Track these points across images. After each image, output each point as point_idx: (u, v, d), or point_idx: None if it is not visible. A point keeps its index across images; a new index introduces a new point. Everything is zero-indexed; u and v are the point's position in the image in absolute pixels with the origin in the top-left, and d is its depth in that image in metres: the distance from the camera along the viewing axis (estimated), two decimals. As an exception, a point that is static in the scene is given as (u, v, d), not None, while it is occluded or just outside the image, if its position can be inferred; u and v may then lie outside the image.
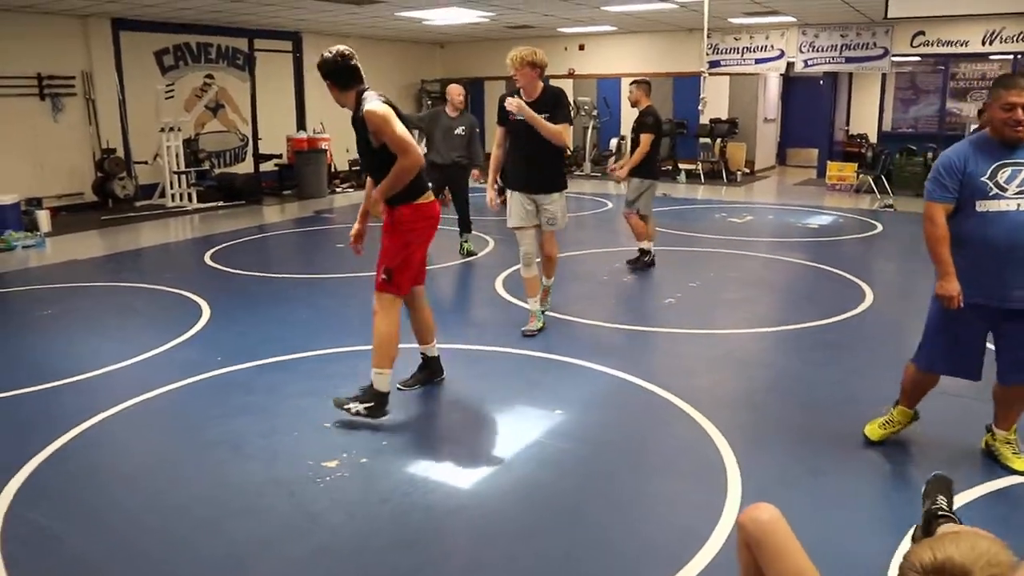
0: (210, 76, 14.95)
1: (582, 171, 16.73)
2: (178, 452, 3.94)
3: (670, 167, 16.39)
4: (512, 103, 5.28)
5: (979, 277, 3.47)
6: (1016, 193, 3.35)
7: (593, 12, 13.58)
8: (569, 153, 10.09)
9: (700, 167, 16.04)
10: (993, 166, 3.39)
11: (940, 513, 2.77)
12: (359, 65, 4.17)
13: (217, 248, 9.26)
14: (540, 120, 5.24)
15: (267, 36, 15.46)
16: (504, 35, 17.28)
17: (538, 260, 5.70)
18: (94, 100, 13.13)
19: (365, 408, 4.05)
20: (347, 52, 4.15)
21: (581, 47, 18.19)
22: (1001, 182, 3.38)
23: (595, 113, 16.89)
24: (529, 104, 5.30)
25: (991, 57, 15.61)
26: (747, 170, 16.56)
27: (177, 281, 7.50)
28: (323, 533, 3.15)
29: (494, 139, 5.75)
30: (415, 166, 3.87)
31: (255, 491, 3.45)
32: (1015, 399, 3.67)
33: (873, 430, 3.92)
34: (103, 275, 8.16)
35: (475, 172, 8.59)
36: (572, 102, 14.90)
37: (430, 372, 4.68)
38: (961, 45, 15.27)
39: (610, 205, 12.53)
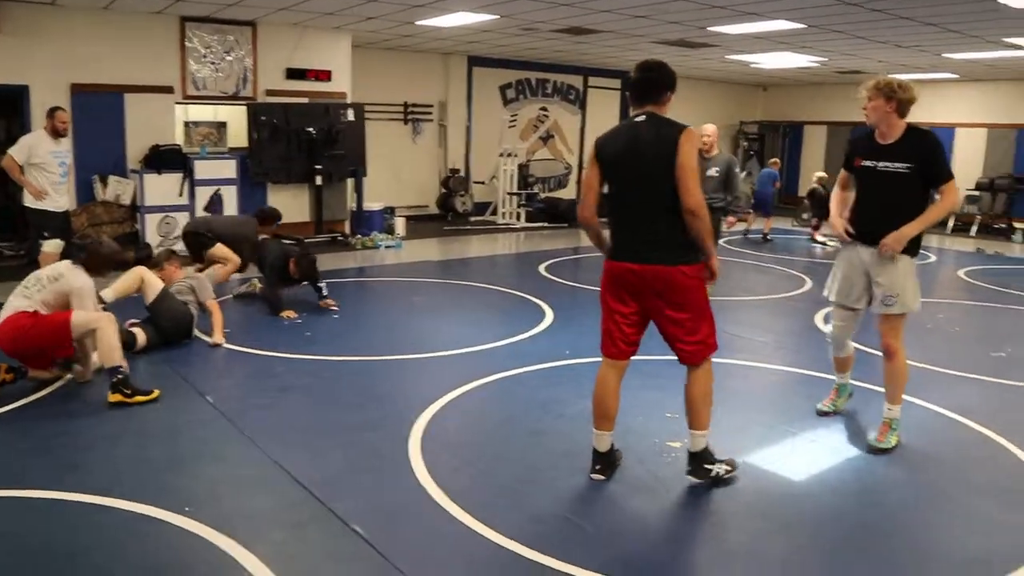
0: (544, 109, 16.41)
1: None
2: (541, 418, 4.73)
3: (1004, 225, 15.32)
4: (838, 229, 4.50)
5: None
6: None
7: (933, 59, 13.18)
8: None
9: (1040, 226, 14.81)
10: None
11: None
12: None
13: (548, 262, 10.30)
14: (920, 224, 4.20)
15: (599, 74, 16.64)
16: (830, 79, 17.15)
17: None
18: (446, 126, 14.95)
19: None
20: None
21: (914, 95, 17.52)
22: None
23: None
24: (882, 147, 4.28)
25: None
26: (1099, 236, 15.00)
27: (520, 286, 8.58)
28: (664, 492, 3.74)
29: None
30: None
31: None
32: None
33: None
34: (454, 275, 9.46)
35: (730, 219, 8.04)
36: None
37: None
38: None
39: (933, 258, 12.06)
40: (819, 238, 13.03)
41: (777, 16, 9.62)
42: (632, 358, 3.93)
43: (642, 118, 3.68)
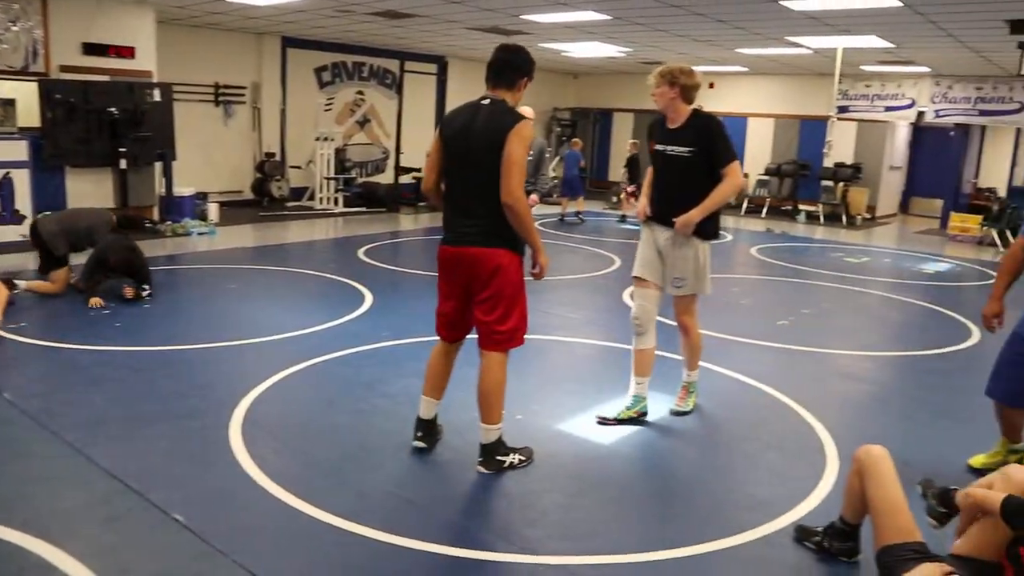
0: (361, 93, 16.27)
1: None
2: (364, 397, 4.80)
3: (791, 207, 16.74)
4: (640, 209, 4.62)
5: None
6: None
7: (727, 53, 14.17)
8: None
9: (821, 209, 16.32)
10: None
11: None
12: None
13: (368, 247, 10.29)
14: (706, 208, 4.28)
15: (416, 59, 16.66)
16: (637, 69, 18.02)
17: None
18: (259, 108, 14.52)
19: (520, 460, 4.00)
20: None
21: (711, 85, 18.75)
22: None
23: (719, 149, 17.39)
24: (671, 132, 4.39)
25: None
26: (868, 215, 16.72)
27: (339, 270, 8.55)
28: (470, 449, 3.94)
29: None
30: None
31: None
32: None
33: (977, 459, 4.21)
34: (272, 261, 9.26)
35: (533, 197, 7.71)
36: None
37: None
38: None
39: (729, 237, 13.04)
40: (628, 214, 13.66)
41: (586, 7, 10.05)
42: (468, 337, 4.02)
43: (486, 101, 3.74)
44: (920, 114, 16.64)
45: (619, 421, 4.56)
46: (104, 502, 3.46)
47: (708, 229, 4.43)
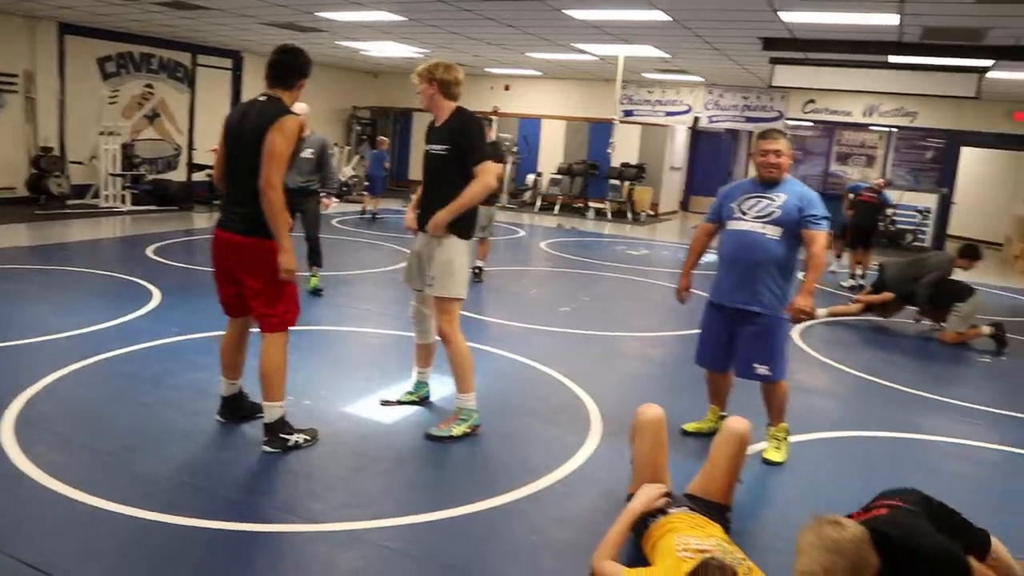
0: (150, 86, 15.57)
1: (500, 203, 17.82)
2: (150, 391, 4.76)
3: (581, 205, 17.68)
4: (407, 222, 4.58)
5: (721, 283, 4.43)
6: (754, 217, 4.28)
7: (519, 57, 14.79)
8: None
9: (608, 206, 17.35)
10: (744, 196, 4.36)
11: None
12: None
13: (158, 245, 9.97)
14: (452, 210, 4.23)
15: (209, 53, 16.16)
16: (435, 70, 18.39)
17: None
18: (34, 99, 13.60)
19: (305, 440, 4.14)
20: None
21: (506, 87, 19.44)
22: (744, 208, 4.32)
23: (515, 150, 18.08)
24: (434, 130, 4.39)
25: (870, 128, 17.46)
26: (652, 212, 17.97)
27: (126, 269, 8.26)
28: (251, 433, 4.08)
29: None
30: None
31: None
32: (765, 396, 4.43)
33: (689, 425, 4.75)
34: (52, 261, 8.79)
35: (326, 201, 7.72)
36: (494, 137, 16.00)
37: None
38: (845, 115, 17.09)
39: (522, 233, 13.67)
40: None
41: (380, 7, 10.23)
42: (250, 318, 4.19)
43: (263, 98, 3.95)
44: (696, 119, 18.07)
45: (400, 403, 4.78)
46: None
47: (459, 229, 4.32)
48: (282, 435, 4.06)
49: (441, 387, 5.00)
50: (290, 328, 4.09)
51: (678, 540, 2.98)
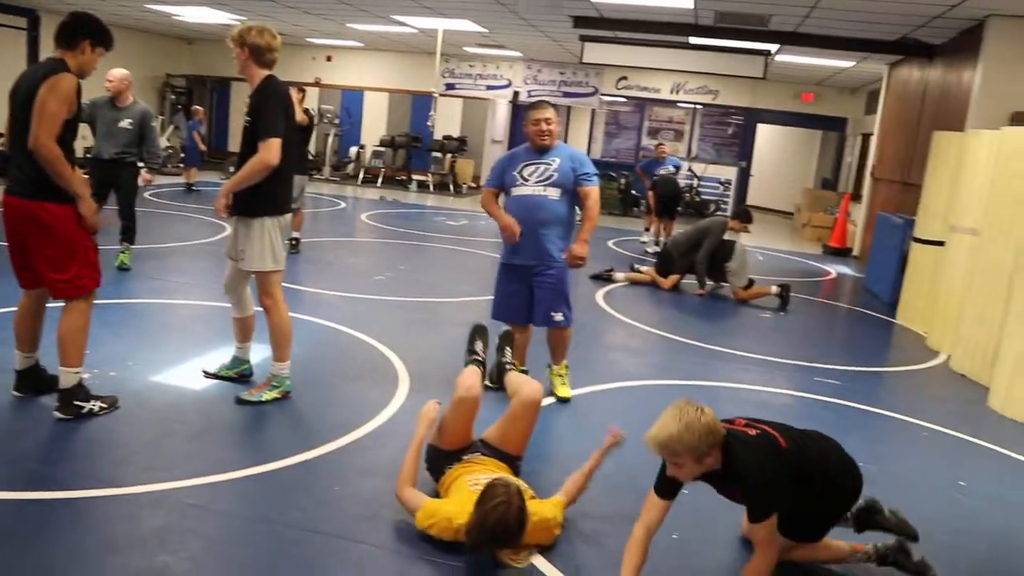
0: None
1: (322, 175, 17.66)
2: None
3: (404, 177, 17.79)
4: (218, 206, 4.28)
5: (513, 244, 4.81)
6: (535, 182, 4.75)
7: (340, 27, 14.66)
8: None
9: (431, 178, 17.55)
10: (522, 164, 4.80)
11: (506, 364, 4.31)
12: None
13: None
14: (231, 186, 4.21)
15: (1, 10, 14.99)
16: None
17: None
18: None
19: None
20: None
21: (328, 58, 19.17)
22: (525, 175, 4.77)
23: (337, 122, 17.91)
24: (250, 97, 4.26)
25: (678, 104, 18.54)
26: (474, 184, 18.33)
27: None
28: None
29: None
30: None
31: None
32: (554, 341, 4.98)
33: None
34: None
35: (146, 175, 7.55)
36: (315, 109, 15.82)
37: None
38: (655, 92, 18.04)
39: (343, 205, 13.66)
40: None
41: (186, -29, 9.91)
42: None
43: (48, 60, 3.90)
44: (516, 94, 18.53)
45: (218, 376, 4.70)
46: None
47: (261, 205, 4.26)
48: (76, 402, 4.01)
49: (260, 356, 5.06)
50: (96, 300, 4.07)
51: (470, 478, 3.27)
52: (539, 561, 3.10)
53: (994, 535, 3.77)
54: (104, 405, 4.11)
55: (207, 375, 4.75)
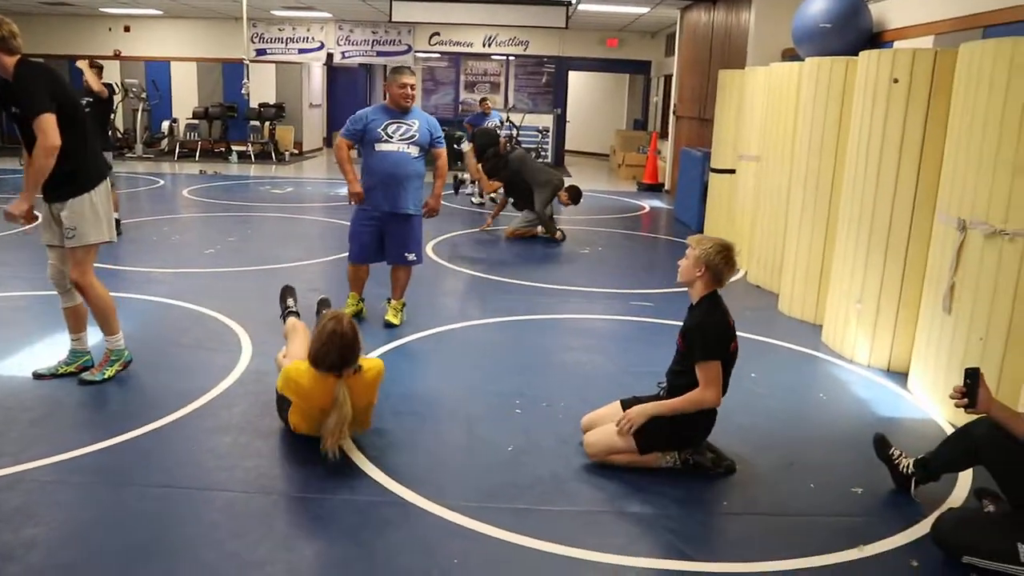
0: None
1: (135, 153, 16.92)
2: None
3: (223, 148, 17.33)
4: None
5: (375, 194, 5.48)
6: (399, 140, 5.43)
7: (134, -4, 14.02)
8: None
9: (251, 148, 17.20)
10: (387, 122, 5.44)
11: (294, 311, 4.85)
12: None
13: None
14: (28, 186, 4.08)
15: None
16: (41, 11, 16.76)
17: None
18: None
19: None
20: None
21: (127, 29, 18.21)
22: (390, 132, 5.42)
23: (144, 96, 17.15)
24: (11, 92, 4.07)
25: (492, 57, 18.93)
26: (296, 151, 18.12)
27: None
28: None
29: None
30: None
31: None
32: (402, 278, 5.76)
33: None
34: None
35: None
36: (118, 83, 15.12)
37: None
38: (468, 46, 18.35)
39: (162, 183, 13.26)
40: None
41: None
42: None
43: None
44: (329, 56, 18.35)
45: (56, 375, 4.51)
46: None
47: (74, 188, 4.22)
48: None
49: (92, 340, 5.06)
50: None
51: None
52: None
53: (776, 412, 4.45)
54: None
55: (42, 376, 4.50)
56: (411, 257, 5.67)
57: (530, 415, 4.27)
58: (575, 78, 19.73)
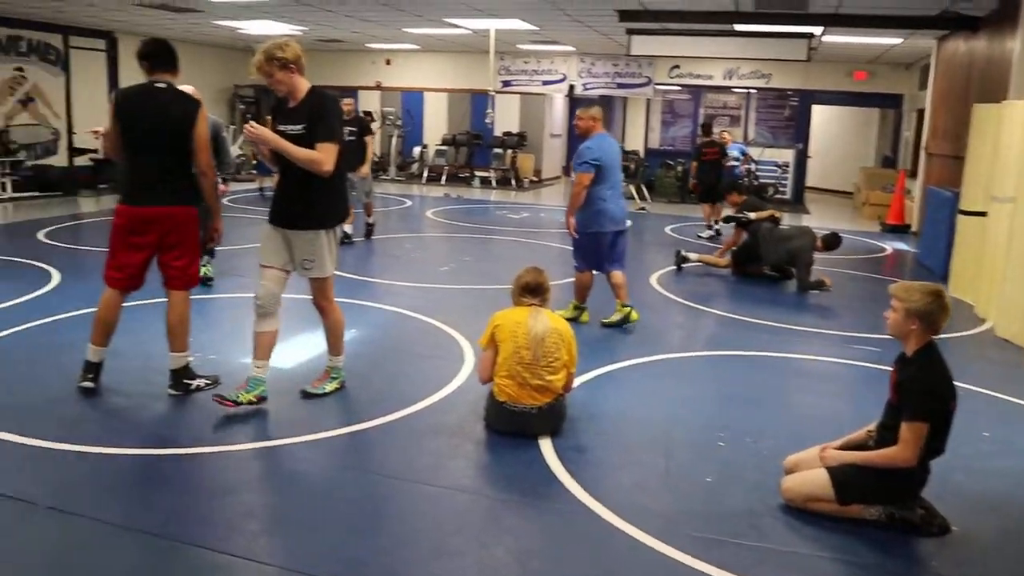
0: (20, 69, 15.32)
1: (388, 175, 18.34)
2: (68, 354, 5.22)
3: (467, 174, 18.37)
4: (248, 129, 4.20)
5: (611, 214, 6.22)
6: None
7: (397, 32, 15.27)
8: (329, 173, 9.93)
9: (493, 174, 18.10)
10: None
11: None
12: None
13: (48, 229, 10.16)
14: (283, 144, 4.18)
15: (82, 34, 16.00)
16: (316, 47, 18.63)
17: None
18: None
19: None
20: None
21: (388, 62, 19.84)
22: None
23: (399, 123, 18.58)
24: (289, 111, 4.30)
25: (733, 90, 18.70)
26: (535, 178, 18.82)
27: (20, 253, 8.52)
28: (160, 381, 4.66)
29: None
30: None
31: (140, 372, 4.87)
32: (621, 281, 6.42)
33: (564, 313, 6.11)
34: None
35: (222, 186, 7.54)
36: (377, 112, 16.49)
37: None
38: (708, 78, 18.24)
39: (410, 203, 14.31)
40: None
41: (254, -12, 10.60)
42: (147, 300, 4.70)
43: (162, 85, 4.52)
44: (571, 87, 18.93)
45: (239, 403, 4.38)
46: None
47: (326, 219, 4.44)
48: (185, 380, 4.66)
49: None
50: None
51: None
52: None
53: (1008, 475, 4.11)
54: (208, 382, 4.73)
55: (221, 401, 4.35)
56: (619, 266, 6.48)
57: (733, 449, 4.26)
58: (819, 112, 19.01)
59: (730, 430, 4.47)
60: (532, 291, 4.40)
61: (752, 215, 9.05)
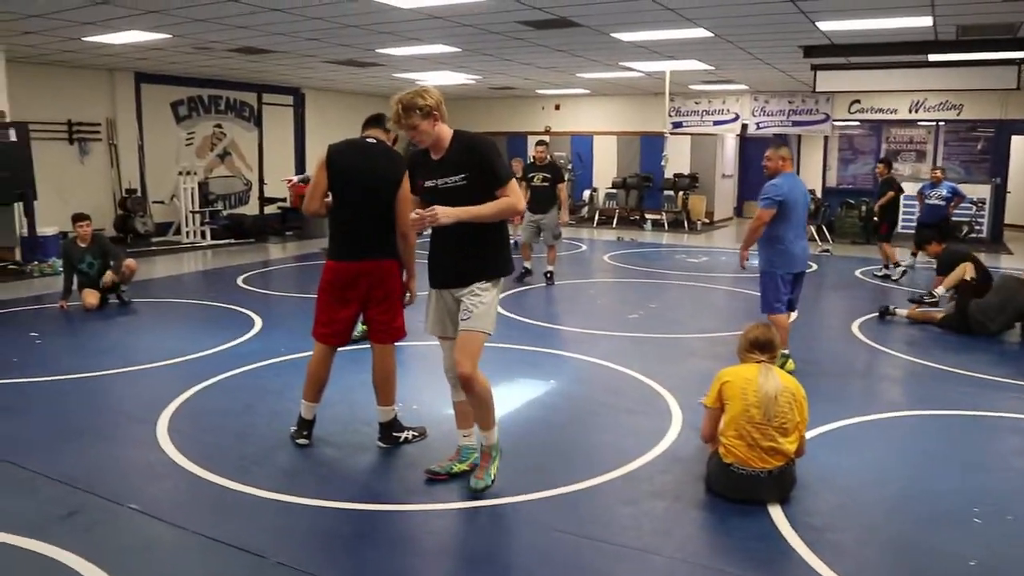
0: (219, 126, 16.48)
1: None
2: (278, 401, 5.36)
3: (638, 217, 18.14)
4: (416, 217, 3.72)
5: (793, 255, 6.15)
6: None
7: (569, 77, 15.35)
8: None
9: (664, 216, 17.77)
10: None
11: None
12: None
13: (245, 275, 10.71)
14: (473, 212, 3.76)
15: (272, 91, 17.05)
16: (489, 95, 19.06)
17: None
18: (116, 145, 14.55)
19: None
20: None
21: (557, 107, 20.01)
22: None
23: (570, 167, 18.63)
24: (438, 163, 3.90)
25: (918, 123, 17.62)
26: (707, 220, 18.34)
27: (225, 298, 8.98)
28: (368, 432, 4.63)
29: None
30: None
31: (347, 415, 4.91)
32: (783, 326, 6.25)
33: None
34: (156, 293, 9.54)
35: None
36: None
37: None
38: (891, 112, 17.28)
39: (583, 247, 14.20)
40: None
41: (436, 41, 10.89)
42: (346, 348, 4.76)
43: (373, 140, 4.62)
44: (744, 127, 18.41)
45: (451, 474, 4.21)
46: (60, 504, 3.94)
47: (495, 269, 4.02)
48: (394, 433, 4.66)
49: (535, 381, 5.52)
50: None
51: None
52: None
53: None
54: (416, 434, 4.70)
55: (434, 476, 4.22)
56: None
57: (992, 527, 3.77)
58: (1018, 143, 17.57)
59: (982, 504, 3.98)
60: (761, 347, 4.14)
61: (942, 291, 8.28)
